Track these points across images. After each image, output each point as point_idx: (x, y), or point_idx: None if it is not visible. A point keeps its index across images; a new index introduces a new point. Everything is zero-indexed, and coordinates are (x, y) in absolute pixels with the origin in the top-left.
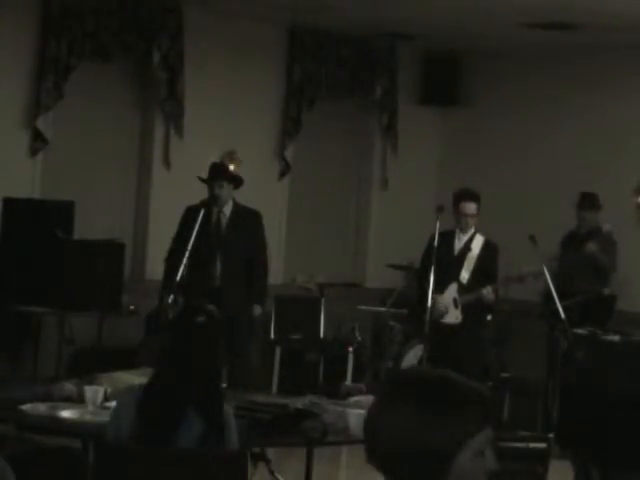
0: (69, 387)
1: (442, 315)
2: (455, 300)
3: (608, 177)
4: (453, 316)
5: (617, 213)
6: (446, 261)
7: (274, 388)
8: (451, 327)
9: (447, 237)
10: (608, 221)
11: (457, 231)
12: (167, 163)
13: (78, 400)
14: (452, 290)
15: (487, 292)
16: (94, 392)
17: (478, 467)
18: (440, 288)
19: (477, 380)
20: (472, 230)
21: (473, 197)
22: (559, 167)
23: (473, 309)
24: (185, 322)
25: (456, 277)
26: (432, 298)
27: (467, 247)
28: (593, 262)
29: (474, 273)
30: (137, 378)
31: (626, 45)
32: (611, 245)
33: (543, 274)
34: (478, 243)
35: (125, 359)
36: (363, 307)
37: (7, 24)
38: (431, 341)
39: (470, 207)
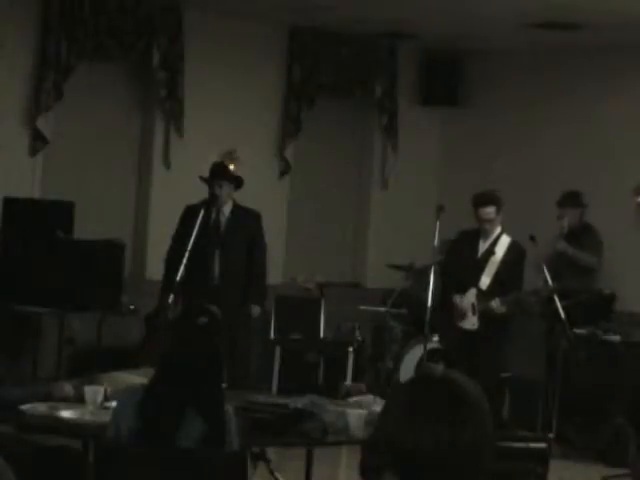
0: (68, 388)
1: (460, 318)
2: (473, 306)
3: (608, 177)
4: (470, 322)
5: (617, 213)
6: (468, 263)
7: (274, 388)
8: (468, 332)
9: (471, 237)
10: (608, 221)
11: (481, 232)
12: (167, 163)
13: (76, 401)
14: (471, 295)
15: (496, 305)
16: (94, 392)
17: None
18: (461, 290)
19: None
20: (498, 230)
21: (489, 201)
22: (559, 167)
23: (492, 316)
24: (187, 322)
25: (476, 282)
26: (454, 298)
27: (491, 250)
28: (570, 260)
29: (496, 278)
30: (137, 378)
31: (627, 45)
32: (592, 240)
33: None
34: (503, 245)
35: (125, 359)
36: (363, 307)
37: (7, 24)
38: (447, 343)
39: (487, 212)
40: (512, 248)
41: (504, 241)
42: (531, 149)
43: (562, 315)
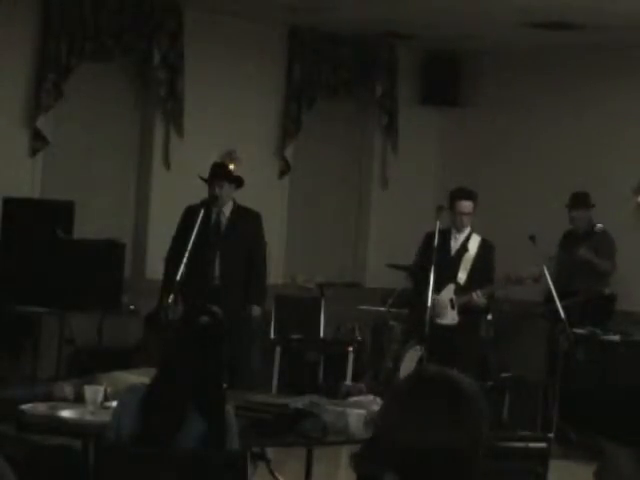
0: (68, 388)
1: (438, 315)
2: (452, 301)
3: (608, 177)
4: (450, 317)
5: (617, 213)
6: (443, 261)
7: (274, 388)
8: (448, 328)
9: (443, 236)
10: (608, 221)
11: (453, 231)
12: (167, 163)
13: (76, 401)
14: (449, 291)
15: (477, 296)
16: (94, 392)
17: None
18: (437, 288)
19: (475, 379)
20: (468, 229)
21: (468, 195)
22: (559, 167)
23: (470, 310)
24: (189, 323)
25: (453, 278)
26: (431, 300)
27: (464, 247)
28: (584, 264)
29: (471, 273)
30: (137, 378)
31: (626, 45)
32: (608, 245)
33: (543, 276)
34: (475, 243)
35: (125, 359)
36: (363, 307)
37: (7, 24)
38: (429, 342)
39: (465, 205)
40: (483, 245)
41: (475, 239)
42: (531, 149)
43: (562, 315)
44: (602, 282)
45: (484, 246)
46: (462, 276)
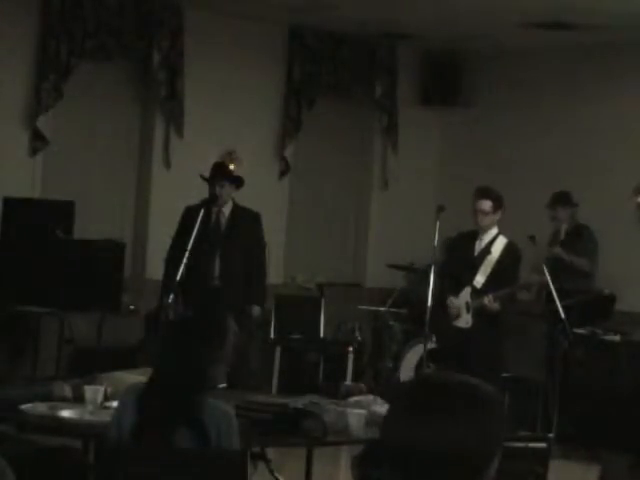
0: (67, 388)
1: (454, 318)
2: (467, 304)
3: (608, 177)
4: (464, 321)
5: (617, 213)
6: (464, 263)
7: (274, 388)
8: (462, 331)
9: (469, 237)
10: (608, 221)
11: (480, 232)
12: (167, 163)
13: (76, 401)
14: (466, 294)
15: (489, 301)
16: (94, 392)
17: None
18: (457, 289)
19: (487, 382)
20: (494, 231)
21: (486, 194)
22: (559, 167)
23: (485, 314)
24: (174, 322)
25: (470, 281)
26: (448, 299)
27: (487, 250)
28: (565, 263)
29: (490, 277)
30: (137, 378)
31: (626, 45)
32: (585, 243)
33: (548, 284)
34: (499, 246)
35: (125, 359)
36: (363, 307)
37: (7, 24)
38: (442, 342)
39: (482, 204)
40: (508, 249)
41: (500, 242)
42: (531, 149)
43: (562, 315)
44: (584, 281)
45: (509, 249)
46: (480, 279)
